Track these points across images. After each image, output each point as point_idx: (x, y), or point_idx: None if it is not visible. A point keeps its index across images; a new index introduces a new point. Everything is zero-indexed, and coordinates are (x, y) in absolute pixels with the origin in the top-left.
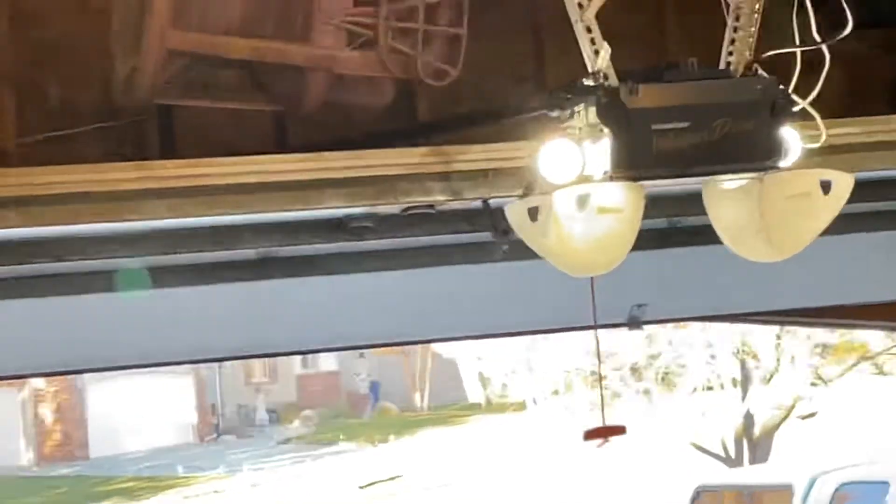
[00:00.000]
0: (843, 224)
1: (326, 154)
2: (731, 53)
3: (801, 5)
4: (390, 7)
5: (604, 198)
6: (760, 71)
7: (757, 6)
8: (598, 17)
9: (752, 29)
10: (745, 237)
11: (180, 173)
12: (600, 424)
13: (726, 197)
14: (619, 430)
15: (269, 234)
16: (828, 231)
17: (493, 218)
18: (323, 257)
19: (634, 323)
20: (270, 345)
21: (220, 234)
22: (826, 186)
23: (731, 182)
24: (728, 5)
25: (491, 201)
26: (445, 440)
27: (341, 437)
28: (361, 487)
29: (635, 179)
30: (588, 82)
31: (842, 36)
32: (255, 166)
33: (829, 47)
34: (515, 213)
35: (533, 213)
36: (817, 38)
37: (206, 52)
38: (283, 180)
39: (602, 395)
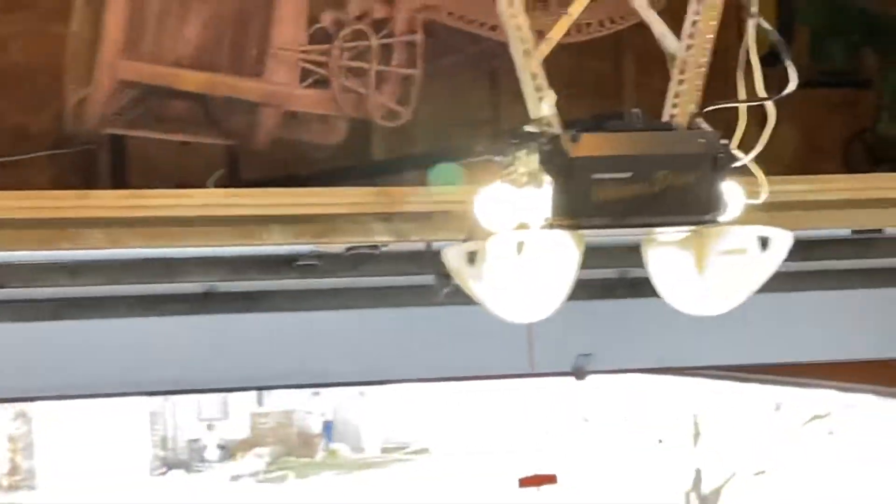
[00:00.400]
0: (796, 281)
1: (271, 190)
2: (675, 105)
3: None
4: (344, 46)
5: (541, 245)
6: (704, 124)
7: (703, 60)
8: (554, 64)
9: (698, 82)
10: (682, 290)
11: (122, 203)
12: (534, 473)
13: (665, 249)
14: (550, 478)
15: (215, 269)
16: (780, 288)
17: (435, 261)
18: (272, 294)
19: (580, 373)
20: (219, 380)
21: (166, 266)
22: (764, 242)
23: (669, 234)
24: (674, 58)
25: (435, 244)
26: (396, 482)
27: (292, 475)
28: None
29: (574, 228)
30: (531, 129)
31: (785, 94)
32: (199, 199)
33: (782, 105)
34: (453, 257)
35: (470, 258)
36: (763, 94)
37: (158, 83)
38: (226, 215)
39: (539, 444)
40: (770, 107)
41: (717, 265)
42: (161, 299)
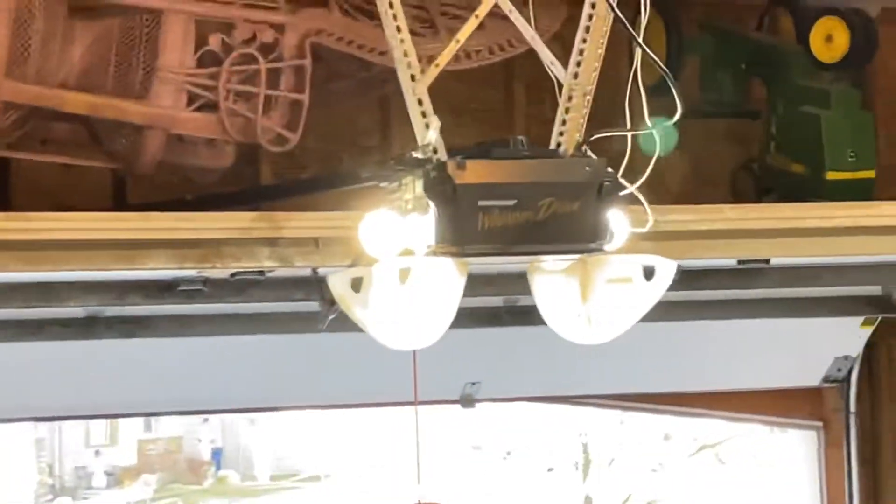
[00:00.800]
0: (682, 311)
1: (154, 214)
2: (562, 133)
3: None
4: (232, 70)
5: (425, 272)
6: (590, 153)
7: (589, 88)
8: (445, 90)
9: (585, 110)
10: (567, 318)
11: (2, 226)
12: (418, 502)
13: (549, 277)
14: None
15: (99, 293)
16: (667, 317)
17: (320, 287)
18: (158, 319)
19: (467, 401)
20: (106, 405)
21: (48, 290)
22: (648, 272)
23: (555, 263)
24: (561, 86)
25: (320, 270)
26: None
27: (180, 502)
28: None
29: (458, 255)
30: (417, 155)
31: (671, 122)
32: (81, 223)
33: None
34: (338, 284)
35: (355, 284)
36: (649, 123)
37: (42, 105)
38: (109, 238)
39: (419, 473)
40: (655, 135)
41: (601, 294)
42: (44, 323)
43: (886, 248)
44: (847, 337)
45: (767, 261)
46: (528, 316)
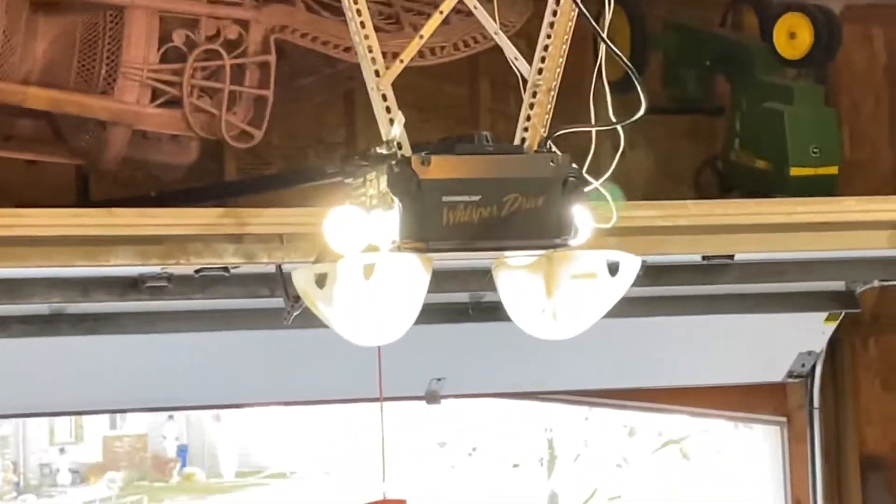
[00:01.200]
0: (647, 307)
1: (116, 210)
2: (526, 129)
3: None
4: (196, 66)
5: (390, 268)
6: (554, 148)
7: (554, 84)
8: (410, 87)
9: (549, 106)
10: (532, 314)
11: None
12: (381, 498)
13: (514, 272)
14: (400, 503)
15: (61, 289)
16: (631, 313)
17: (285, 283)
18: (122, 315)
19: (432, 397)
20: (71, 403)
21: (10, 286)
22: (613, 268)
23: (519, 258)
24: (525, 81)
25: (285, 266)
26: None
27: (146, 499)
28: None
29: (422, 251)
30: (381, 150)
31: (634, 119)
32: (43, 219)
33: (636, 131)
34: (302, 280)
35: (319, 280)
36: (614, 119)
37: (4, 100)
38: (71, 234)
39: (384, 469)
40: (620, 131)
41: (566, 289)
42: (6, 320)
43: (850, 244)
44: (811, 332)
45: (731, 257)
46: (495, 312)
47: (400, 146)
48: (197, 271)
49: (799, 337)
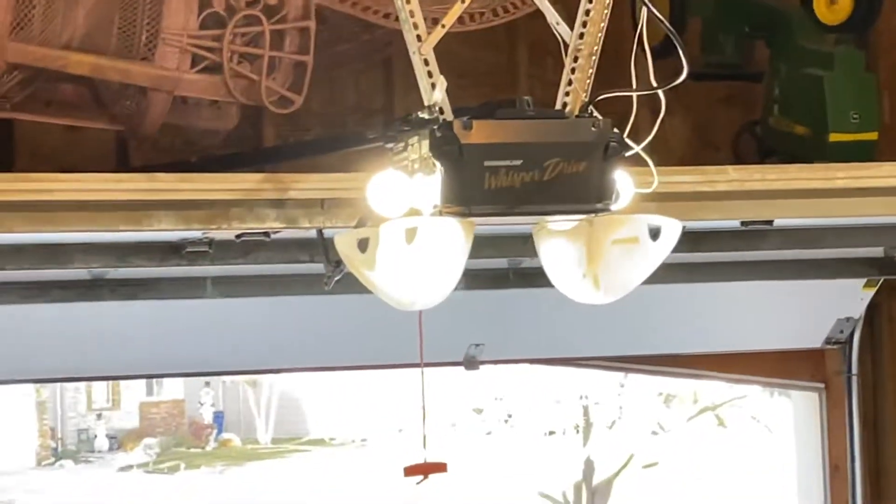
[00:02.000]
0: (686, 273)
1: (159, 175)
2: (567, 94)
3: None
4: (236, 31)
5: (431, 232)
6: (595, 113)
7: (595, 48)
8: (449, 53)
9: (590, 71)
10: (573, 279)
11: (6, 187)
12: (422, 461)
13: (556, 238)
14: (440, 467)
15: (102, 254)
16: (671, 279)
17: (325, 248)
18: (159, 281)
19: (471, 363)
20: (106, 368)
21: (52, 251)
22: (654, 232)
23: (560, 223)
24: (567, 46)
25: (326, 231)
26: (286, 473)
27: (183, 465)
28: None
29: (464, 215)
30: (423, 115)
31: (675, 84)
32: (85, 184)
33: (675, 97)
34: (344, 244)
35: (362, 245)
36: (655, 84)
37: (46, 66)
38: (113, 199)
39: (425, 433)
40: (661, 96)
41: (607, 254)
42: (47, 286)
43: (888, 210)
44: (849, 299)
45: (770, 222)
46: (534, 278)
47: (442, 111)
48: (238, 236)
49: (837, 303)
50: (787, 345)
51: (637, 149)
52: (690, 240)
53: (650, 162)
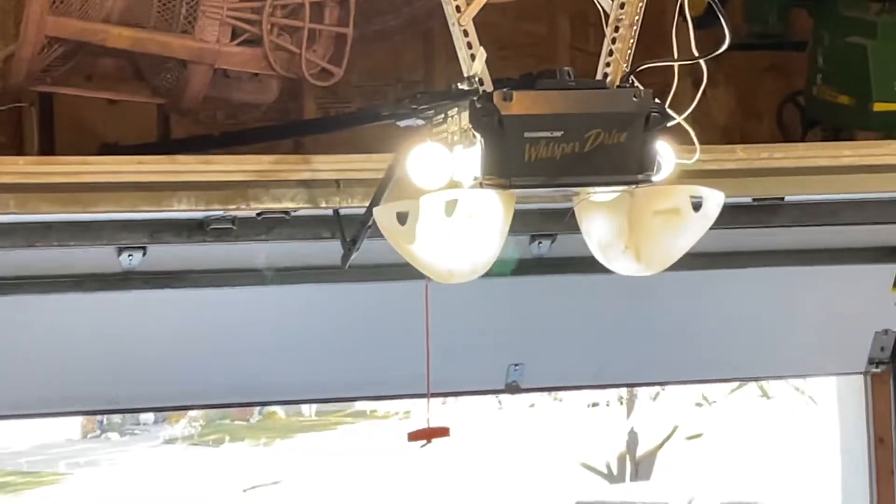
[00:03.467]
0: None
1: (180, 157)
2: (608, 64)
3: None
4: (275, 3)
5: (472, 204)
6: (637, 83)
7: (636, 18)
8: (489, 25)
9: (631, 41)
10: (615, 252)
11: (32, 170)
12: (426, 426)
13: (597, 210)
14: (443, 431)
15: (130, 231)
16: (700, 266)
17: (342, 227)
18: (187, 272)
19: (513, 388)
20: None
21: (82, 228)
22: (696, 203)
23: (601, 195)
24: (607, 16)
25: (342, 210)
26: (330, 445)
27: (227, 438)
28: (245, 490)
29: (505, 187)
30: (463, 86)
31: (717, 53)
32: (109, 167)
33: (717, 67)
34: (383, 217)
35: (401, 218)
36: (696, 53)
37: (86, 39)
38: (136, 181)
39: (429, 400)
40: (703, 66)
41: (649, 226)
42: (82, 279)
43: None
44: (880, 307)
45: (782, 199)
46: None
47: (481, 82)
48: (258, 214)
49: (869, 314)
50: (830, 371)
51: (678, 119)
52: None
53: (692, 132)
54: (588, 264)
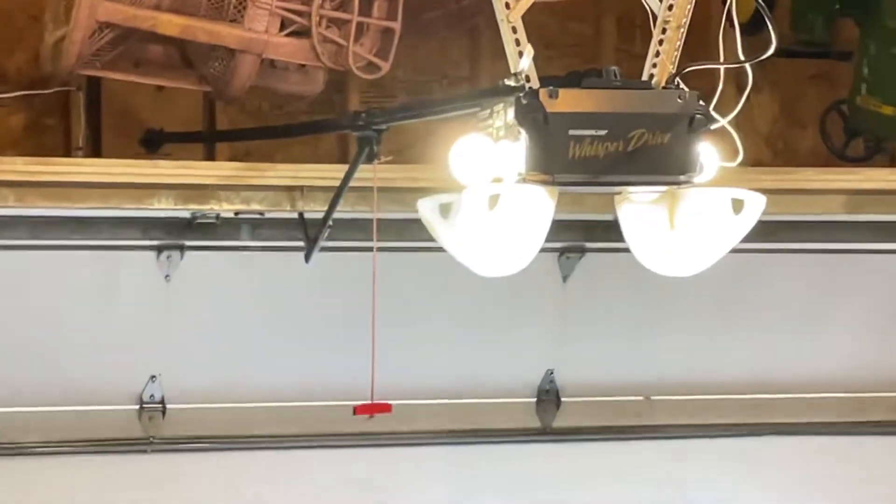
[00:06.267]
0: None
1: (160, 161)
2: (654, 65)
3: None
4: None
5: (515, 199)
6: (682, 85)
7: (684, 21)
8: (536, 25)
9: (678, 43)
10: (656, 251)
11: (28, 169)
12: (369, 402)
13: (638, 208)
14: (385, 407)
15: (125, 227)
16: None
17: (305, 228)
18: None
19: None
20: None
21: (83, 223)
22: (738, 205)
23: (643, 195)
24: (655, 17)
25: (306, 213)
26: None
27: None
28: None
29: (548, 183)
30: (510, 82)
31: (763, 57)
32: (98, 168)
33: (762, 74)
34: (427, 209)
35: (444, 210)
36: (742, 57)
37: (136, 26)
38: (122, 182)
39: (373, 377)
40: (748, 70)
41: (690, 225)
42: None
43: None
44: None
45: None
46: None
47: (528, 79)
48: (236, 213)
49: None
50: None
51: (723, 122)
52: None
53: (735, 135)
54: None
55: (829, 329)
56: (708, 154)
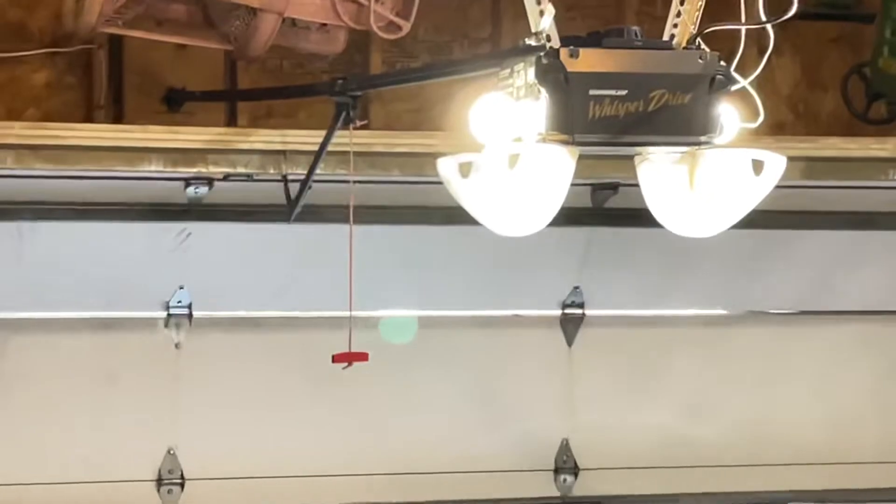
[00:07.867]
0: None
1: (150, 126)
2: (675, 26)
3: None
4: None
5: (535, 159)
6: (703, 45)
7: None
8: None
9: (699, 3)
10: (675, 211)
11: (27, 133)
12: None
13: (658, 168)
14: (362, 356)
15: (130, 189)
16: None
17: (288, 191)
18: None
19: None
20: None
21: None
22: (758, 165)
23: (663, 155)
24: None
25: (290, 175)
26: None
27: None
28: None
29: (568, 143)
30: (530, 42)
31: (784, 18)
32: (91, 133)
33: (783, 36)
34: (446, 169)
35: (464, 170)
36: (763, 18)
37: None
38: (115, 145)
39: (350, 324)
40: (769, 31)
41: (709, 186)
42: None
43: None
44: None
45: None
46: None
47: (549, 38)
48: (225, 177)
49: None
50: None
51: (744, 83)
52: None
53: (756, 97)
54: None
55: None
56: (728, 115)
